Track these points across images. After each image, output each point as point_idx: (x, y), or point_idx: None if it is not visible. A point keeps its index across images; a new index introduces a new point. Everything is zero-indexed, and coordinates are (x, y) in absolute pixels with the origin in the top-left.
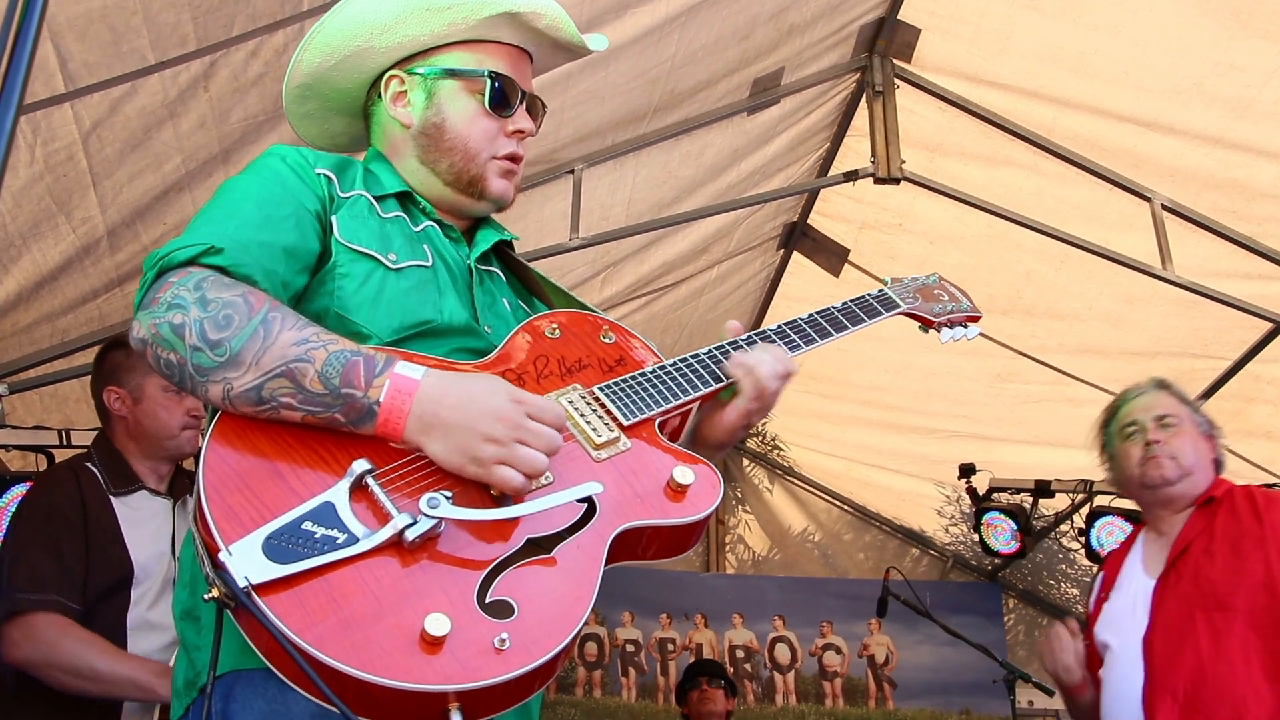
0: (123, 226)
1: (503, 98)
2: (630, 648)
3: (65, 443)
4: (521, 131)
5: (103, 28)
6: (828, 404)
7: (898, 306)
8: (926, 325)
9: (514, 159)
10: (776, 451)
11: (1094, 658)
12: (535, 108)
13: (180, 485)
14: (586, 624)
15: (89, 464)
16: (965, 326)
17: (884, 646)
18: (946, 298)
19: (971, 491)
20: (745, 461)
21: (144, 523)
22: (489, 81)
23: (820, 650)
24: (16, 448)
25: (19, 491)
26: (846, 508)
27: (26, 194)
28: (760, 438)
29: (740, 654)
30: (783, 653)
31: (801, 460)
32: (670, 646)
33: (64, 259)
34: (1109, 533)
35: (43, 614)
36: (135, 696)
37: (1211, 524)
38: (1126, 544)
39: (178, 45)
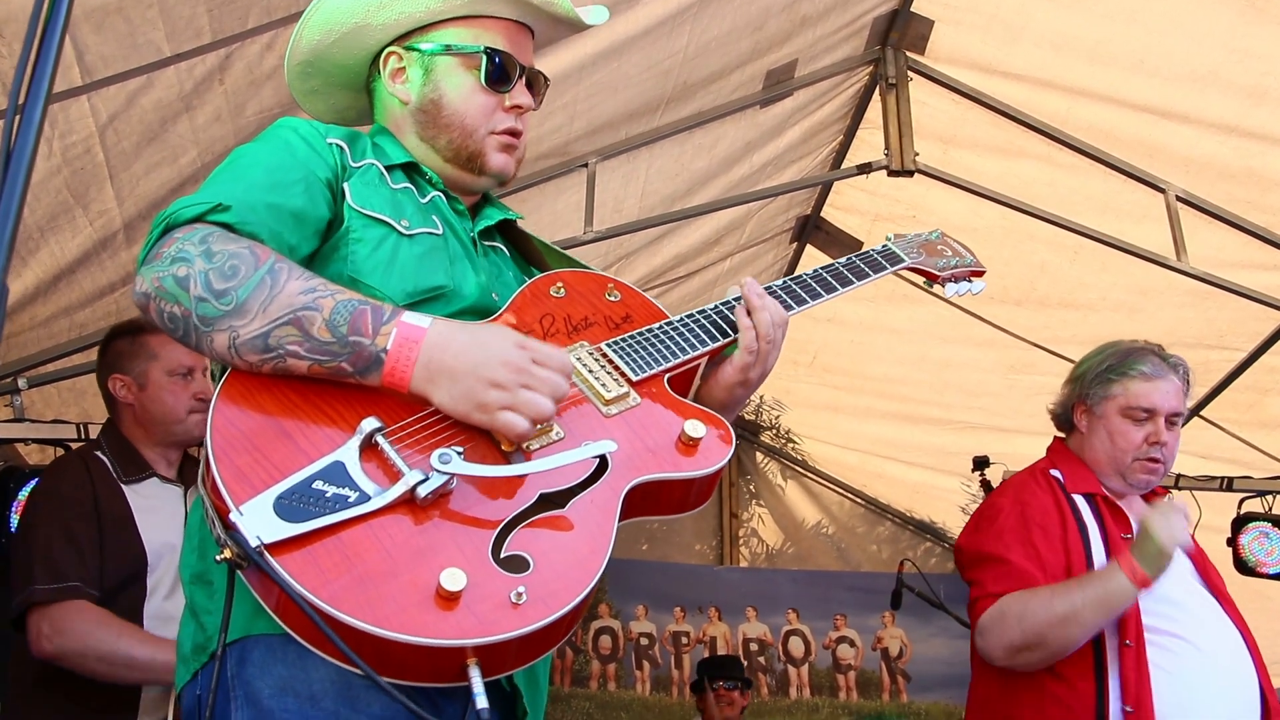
0: (139, 219)
1: (500, 73)
2: (644, 641)
3: (83, 436)
4: (520, 106)
5: (119, 20)
6: (841, 396)
7: (902, 261)
8: (931, 280)
9: (513, 134)
10: (790, 445)
11: None
12: (537, 83)
13: (190, 472)
14: (594, 595)
15: (98, 453)
16: (970, 281)
17: (898, 639)
18: (950, 253)
19: (985, 484)
20: (759, 455)
21: (156, 510)
22: (485, 57)
23: (834, 643)
24: (35, 441)
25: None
26: (860, 500)
27: (44, 187)
28: (774, 431)
29: (754, 647)
30: (796, 646)
31: (815, 453)
32: (684, 640)
33: (81, 252)
34: None
35: (68, 603)
36: (173, 680)
37: None
38: (1075, 486)
39: (193, 38)
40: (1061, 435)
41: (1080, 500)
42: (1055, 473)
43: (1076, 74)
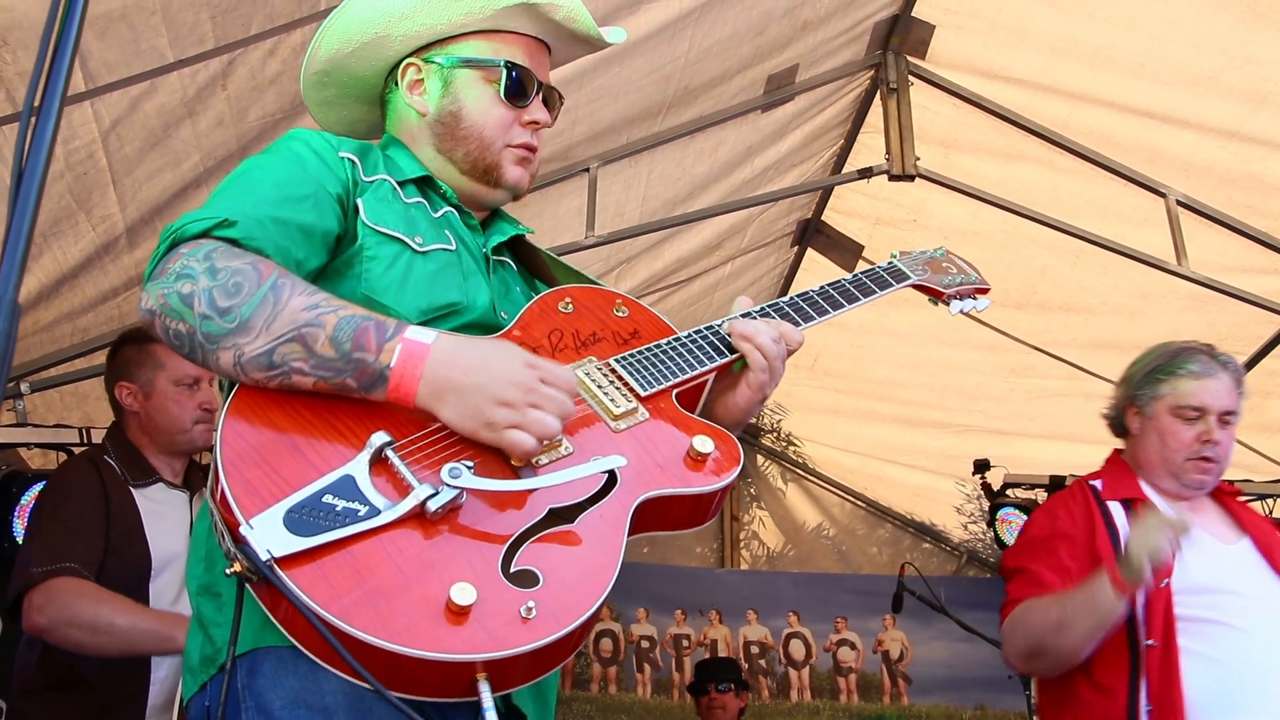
0: (142, 224)
1: (519, 88)
2: (645, 644)
3: (86, 441)
4: (536, 122)
5: (122, 26)
6: (843, 399)
7: (907, 278)
8: (936, 297)
9: (529, 148)
10: (791, 448)
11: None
12: (552, 100)
13: (195, 478)
14: (603, 608)
15: (106, 457)
16: (975, 298)
17: (899, 642)
18: (955, 270)
19: (986, 487)
20: (760, 458)
21: (165, 516)
22: (505, 71)
23: (835, 646)
24: (38, 446)
25: (40, 490)
26: (861, 503)
27: (47, 192)
28: (775, 434)
29: (755, 650)
30: (797, 648)
31: (816, 456)
32: (685, 642)
33: (84, 257)
34: None
35: (59, 579)
36: (156, 648)
37: (1243, 517)
38: (1111, 490)
39: (196, 44)
40: (1120, 446)
41: (1115, 507)
42: (1094, 483)
43: (1077, 78)
